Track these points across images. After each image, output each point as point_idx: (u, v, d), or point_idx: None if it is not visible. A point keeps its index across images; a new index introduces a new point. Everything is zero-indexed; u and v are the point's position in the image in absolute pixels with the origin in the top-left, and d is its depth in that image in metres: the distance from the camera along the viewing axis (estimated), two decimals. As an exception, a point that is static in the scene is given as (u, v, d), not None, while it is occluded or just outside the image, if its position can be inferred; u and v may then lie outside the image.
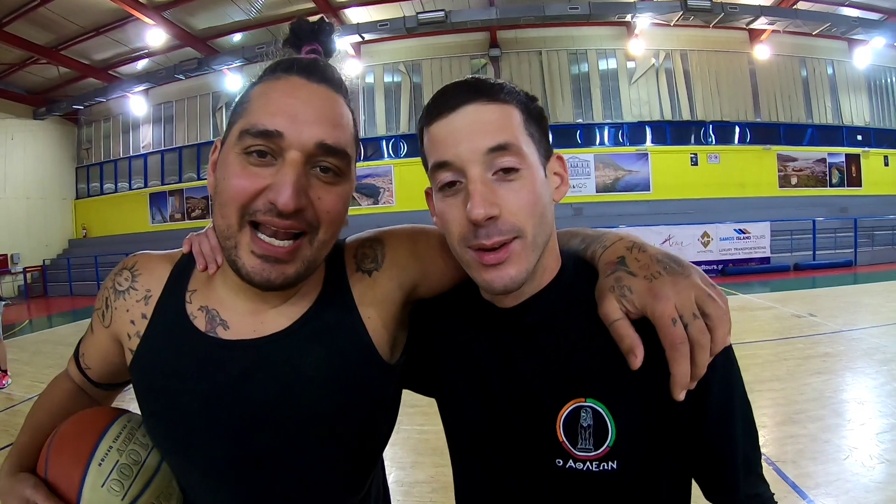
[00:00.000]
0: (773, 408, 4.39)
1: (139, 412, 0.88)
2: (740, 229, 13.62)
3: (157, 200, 18.44)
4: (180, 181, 18.17)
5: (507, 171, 0.69)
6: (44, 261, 17.86)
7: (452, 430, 0.89)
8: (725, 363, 0.69)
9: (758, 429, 0.72)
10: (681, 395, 0.63)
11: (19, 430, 0.91)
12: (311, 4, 13.88)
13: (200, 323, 0.84)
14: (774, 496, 0.78)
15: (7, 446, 4.13)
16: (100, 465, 0.79)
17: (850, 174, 16.58)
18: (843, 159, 16.56)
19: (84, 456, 0.80)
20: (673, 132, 16.32)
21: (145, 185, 18.63)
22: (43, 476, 0.79)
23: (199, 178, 17.88)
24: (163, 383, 0.82)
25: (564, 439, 0.71)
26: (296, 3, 14.15)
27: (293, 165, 0.71)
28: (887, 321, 7.04)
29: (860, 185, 16.55)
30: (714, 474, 0.75)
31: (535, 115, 0.75)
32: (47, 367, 6.85)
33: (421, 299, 0.92)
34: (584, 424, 0.70)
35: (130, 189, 18.82)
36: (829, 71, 16.81)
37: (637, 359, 0.64)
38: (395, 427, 0.94)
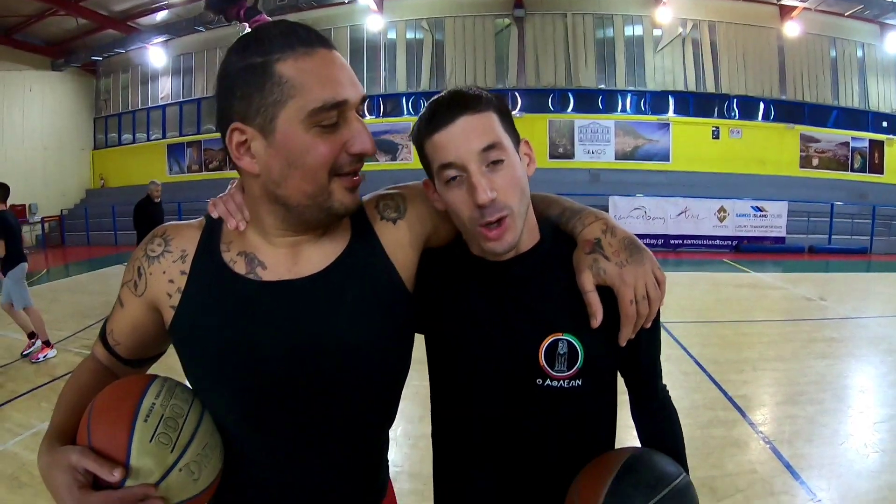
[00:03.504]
0: (774, 387, 4.48)
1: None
2: (757, 206, 13.51)
3: (174, 152, 18.48)
4: (198, 133, 18.15)
5: (496, 162, 0.92)
6: (61, 210, 18.03)
7: (442, 363, 1.08)
8: (656, 317, 0.98)
9: (758, 406, 0.81)
10: (623, 343, 0.95)
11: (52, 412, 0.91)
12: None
13: (240, 267, 0.91)
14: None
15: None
16: (146, 420, 0.80)
17: (873, 160, 16.25)
18: (867, 144, 16.22)
19: (128, 415, 0.80)
20: (696, 104, 16.05)
21: (163, 137, 18.64)
22: (86, 444, 0.78)
23: (217, 130, 17.82)
24: (207, 325, 0.89)
25: (544, 363, 0.96)
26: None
27: (359, 120, 0.85)
28: (896, 311, 7.04)
29: (882, 173, 16.22)
30: (643, 381, 1.08)
31: (505, 112, 0.97)
32: (65, 315, 6.96)
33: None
34: (561, 352, 0.96)
35: (148, 140, 18.85)
36: (859, 53, 16.29)
37: (597, 322, 0.93)
38: (406, 382, 1.04)
